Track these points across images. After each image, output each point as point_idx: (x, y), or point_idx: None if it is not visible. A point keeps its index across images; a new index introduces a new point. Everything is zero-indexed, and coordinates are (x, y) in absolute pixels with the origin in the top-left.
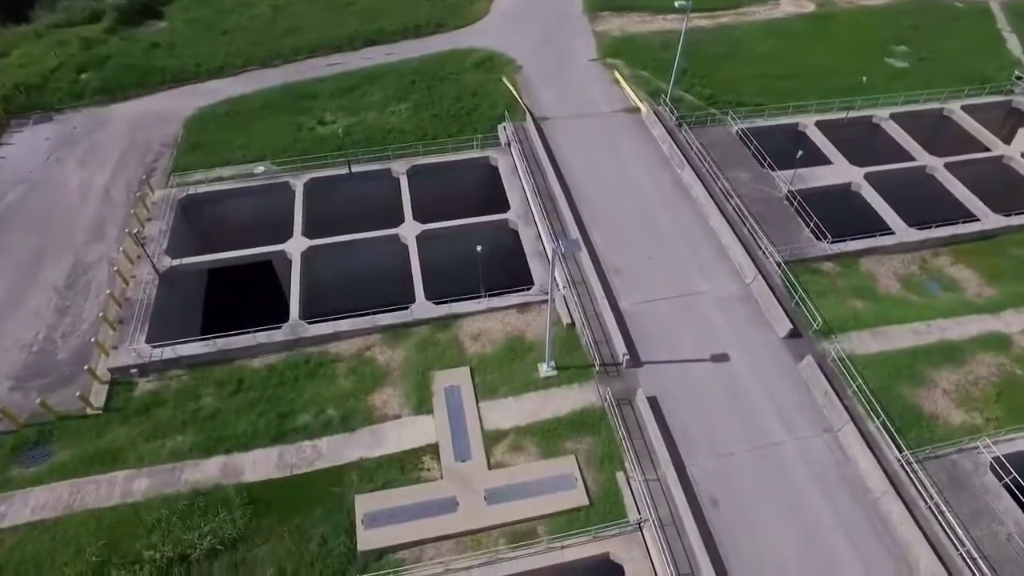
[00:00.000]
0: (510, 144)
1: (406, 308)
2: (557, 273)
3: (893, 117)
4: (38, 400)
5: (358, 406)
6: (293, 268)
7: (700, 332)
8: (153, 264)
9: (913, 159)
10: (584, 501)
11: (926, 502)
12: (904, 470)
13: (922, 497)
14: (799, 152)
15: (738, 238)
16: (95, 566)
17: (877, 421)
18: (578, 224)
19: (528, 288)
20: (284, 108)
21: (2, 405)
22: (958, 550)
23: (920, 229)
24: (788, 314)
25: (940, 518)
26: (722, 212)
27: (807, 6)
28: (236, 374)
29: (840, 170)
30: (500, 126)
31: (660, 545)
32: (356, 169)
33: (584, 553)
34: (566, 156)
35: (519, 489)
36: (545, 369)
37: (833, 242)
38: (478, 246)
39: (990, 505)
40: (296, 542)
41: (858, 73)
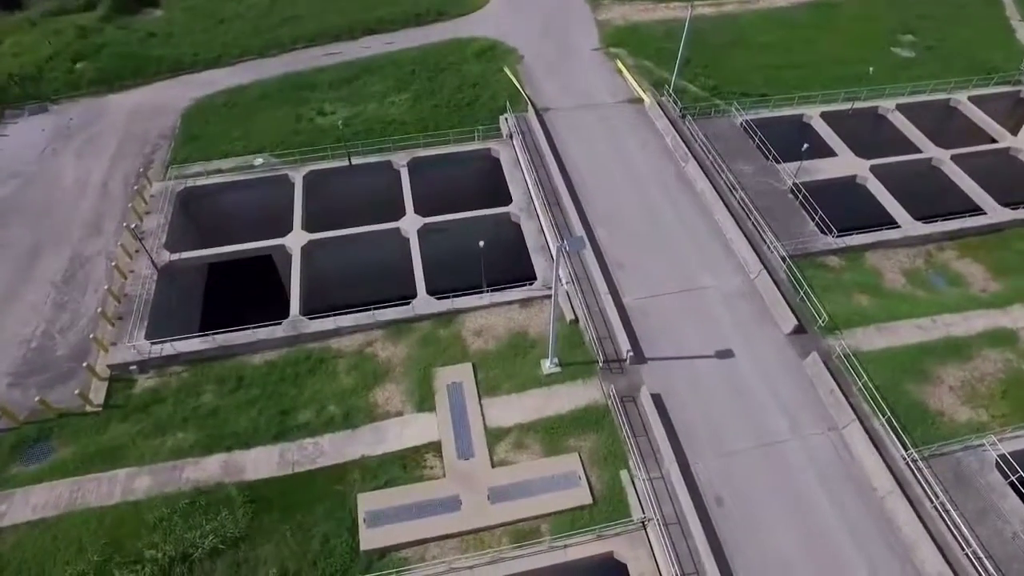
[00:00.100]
0: (512, 136)
1: (407, 303)
2: (561, 269)
3: (899, 108)
4: (37, 398)
5: (360, 403)
6: (293, 263)
7: (704, 328)
8: (151, 259)
9: (919, 151)
10: (587, 500)
11: (932, 501)
12: (910, 468)
13: (928, 496)
14: (805, 145)
15: (743, 232)
16: (97, 565)
17: (883, 419)
18: (581, 218)
19: (531, 283)
20: (283, 99)
21: (1, 402)
22: (964, 550)
23: (926, 223)
24: (793, 310)
25: (945, 517)
26: (726, 206)
27: None
28: (236, 371)
29: (845, 162)
30: (502, 117)
31: (664, 544)
32: (356, 161)
33: (588, 552)
34: (569, 148)
35: (522, 487)
36: (548, 366)
37: (838, 236)
38: (480, 241)
39: (995, 503)
40: (298, 541)
41: (864, 62)
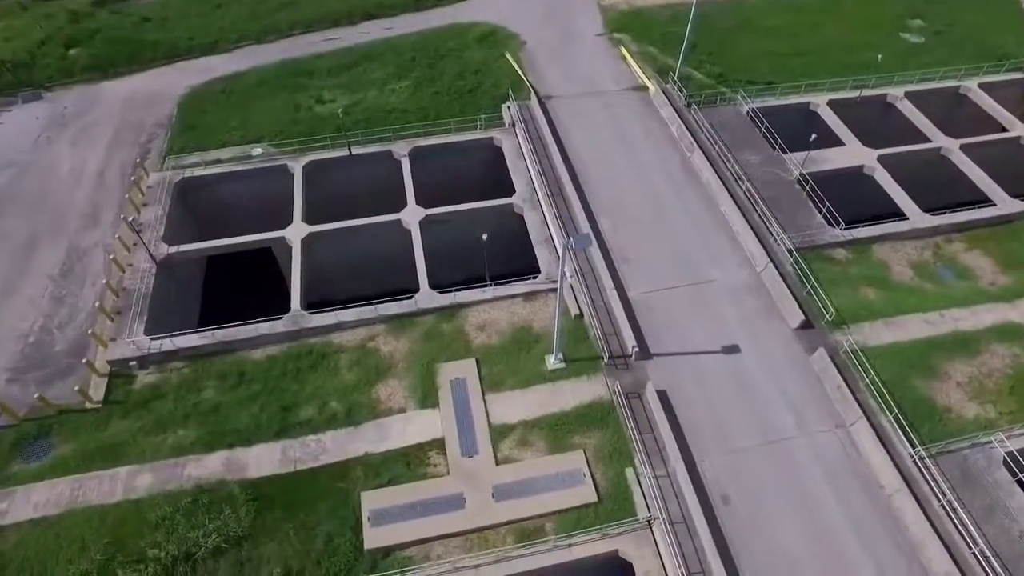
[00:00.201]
0: (514, 124)
1: (410, 297)
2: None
3: (908, 96)
4: (36, 395)
5: (362, 399)
6: (293, 256)
7: (710, 323)
8: (149, 252)
9: (928, 140)
10: (593, 498)
11: (939, 499)
12: (917, 466)
13: (935, 494)
14: (812, 135)
15: (749, 224)
16: (100, 564)
17: (890, 416)
18: (585, 210)
19: (535, 276)
20: (281, 86)
21: (1, 399)
22: (971, 549)
23: (934, 214)
24: (800, 304)
25: (952, 515)
26: (732, 197)
27: None
28: (237, 366)
29: (853, 152)
30: (504, 105)
31: (670, 543)
32: (356, 151)
33: (593, 551)
34: (572, 138)
35: (527, 485)
36: (553, 361)
37: (846, 228)
38: (483, 235)
39: (1003, 501)
40: (302, 540)
41: (871, 48)
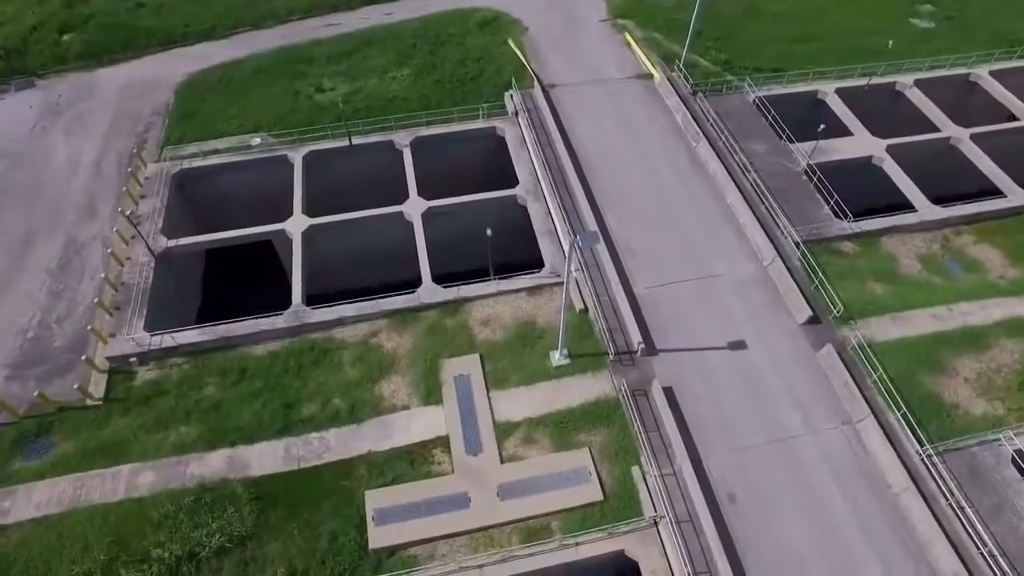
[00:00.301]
0: (517, 113)
1: (412, 292)
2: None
3: (917, 84)
4: (36, 393)
5: (365, 396)
6: (294, 250)
7: (717, 318)
8: (148, 245)
9: (937, 129)
10: (598, 496)
11: (947, 498)
12: (925, 465)
13: (942, 493)
14: (821, 126)
15: (756, 217)
16: (104, 564)
17: (898, 413)
18: (590, 202)
19: (538, 270)
20: (279, 73)
21: (0, 396)
22: (979, 549)
23: (944, 206)
24: (807, 299)
25: (960, 514)
26: (739, 189)
27: None
28: (239, 362)
29: (861, 142)
30: (507, 94)
31: (676, 542)
32: (357, 141)
33: (599, 550)
34: (576, 127)
35: (532, 484)
36: (558, 357)
37: (854, 220)
38: (487, 229)
39: (1011, 500)
40: (306, 539)
41: (881, 34)
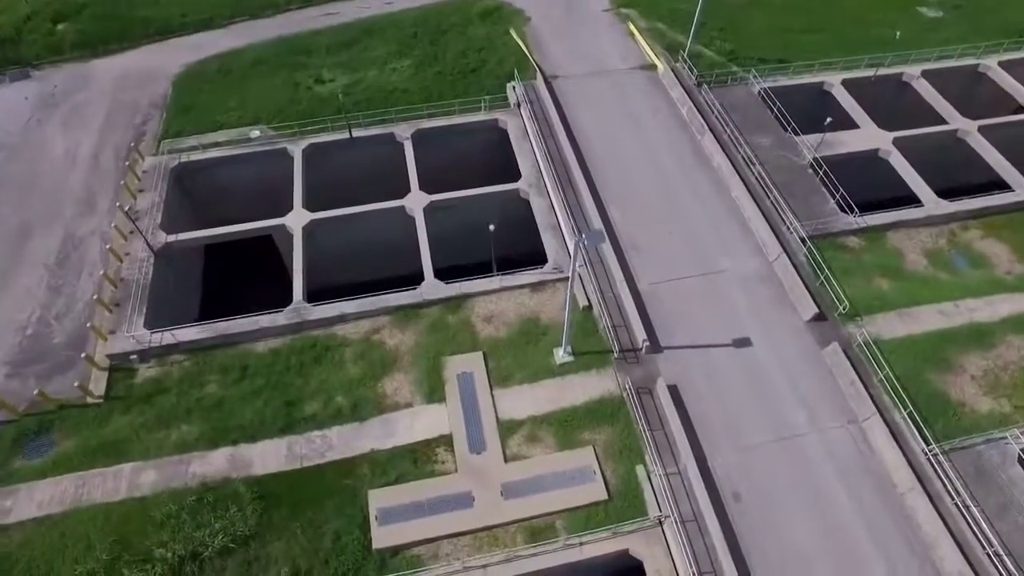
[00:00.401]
0: (520, 105)
1: (415, 288)
2: (569, 241)
3: (924, 75)
4: (36, 391)
5: (368, 394)
6: (295, 245)
7: (722, 315)
8: (147, 241)
9: (945, 122)
10: (603, 495)
11: (952, 498)
12: (930, 463)
13: (948, 493)
14: (828, 119)
15: (761, 211)
16: (106, 564)
17: (904, 412)
18: (593, 196)
19: (542, 266)
20: (279, 64)
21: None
22: (985, 549)
23: (950, 200)
24: (813, 296)
25: (966, 513)
26: (744, 183)
27: None
28: (240, 359)
29: (868, 135)
30: (509, 85)
31: (681, 542)
32: (357, 134)
33: (603, 550)
34: (579, 119)
35: (536, 483)
36: (561, 355)
37: (860, 215)
38: (491, 225)
39: (1017, 499)
40: (309, 538)
41: (888, 24)
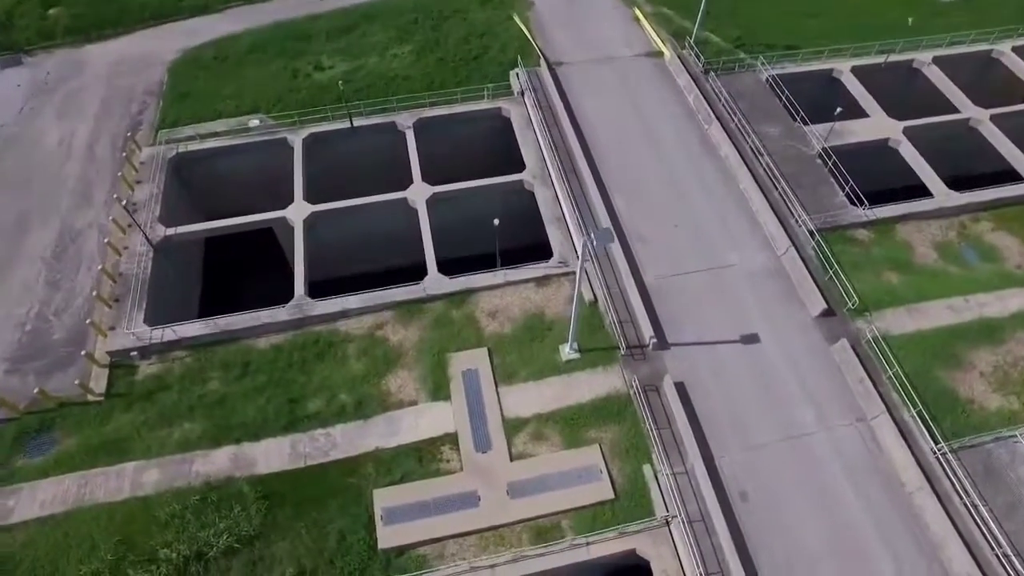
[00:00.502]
0: (523, 93)
1: (418, 283)
2: (576, 241)
3: (936, 61)
4: (36, 390)
5: (371, 391)
6: (296, 239)
7: (729, 310)
8: (145, 235)
9: (957, 110)
10: (609, 495)
11: (961, 498)
12: (939, 462)
13: (957, 492)
14: (838, 109)
15: (769, 204)
16: (111, 564)
17: (913, 411)
18: (598, 185)
19: (546, 260)
20: (277, 51)
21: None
22: (994, 550)
23: (961, 192)
24: (822, 291)
25: (974, 513)
26: (752, 174)
27: None
28: (242, 355)
29: (877, 124)
30: (512, 72)
31: (688, 542)
32: (358, 123)
33: (610, 550)
34: (584, 108)
35: (542, 482)
36: (567, 351)
37: (869, 208)
38: (495, 220)
39: None
40: (314, 538)
41: (898, 8)
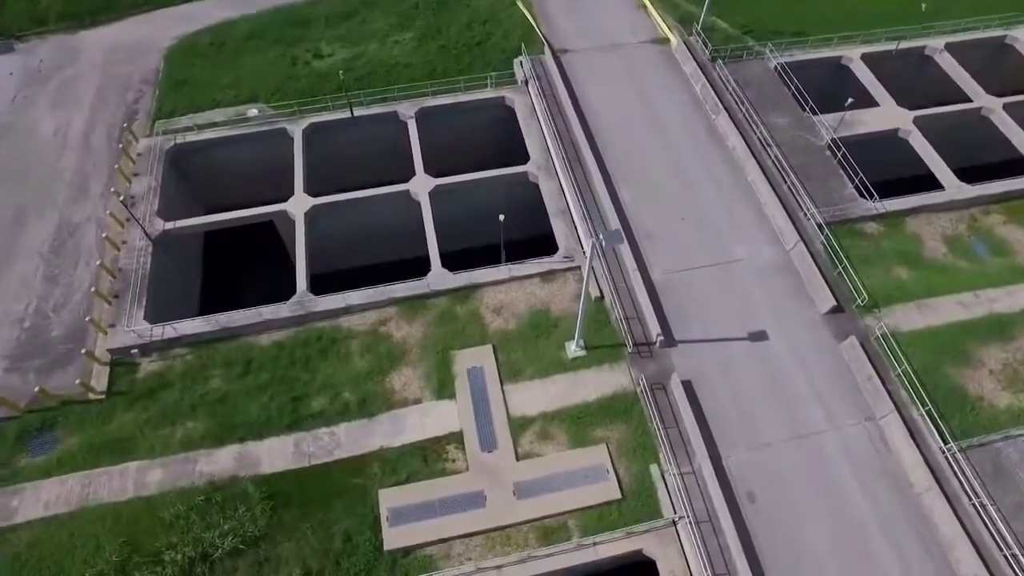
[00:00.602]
0: (527, 81)
1: (421, 278)
2: (584, 241)
3: (948, 48)
4: (37, 388)
5: (376, 389)
6: (297, 233)
7: (737, 306)
8: (144, 229)
9: (968, 99)
10: (616, 494)
11: (970, 498)
12: (948, 462)
13: (965, 492)
14: (849, 99)
15: (777, 196)
16: (116, 565)
17: (922, 410)
18: (603, 175)
19: (552, 255)
20: (275, 37)
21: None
22: (1002, 551)
23: (972, 184)
24: (831, 287)
25: (983, 512)
26: (760, 166)
27: None
28: (244, 353)
29: (887, 114)
30: (516, 60)
31: (695, 542)
32: (359, 112)
33: (617, 550)
34: (589, 96)
35: (549, 482)
36: (574, 349)
37: (879, 200)
38: (500, 216)
39: None
40: (319, 539)
41: None
